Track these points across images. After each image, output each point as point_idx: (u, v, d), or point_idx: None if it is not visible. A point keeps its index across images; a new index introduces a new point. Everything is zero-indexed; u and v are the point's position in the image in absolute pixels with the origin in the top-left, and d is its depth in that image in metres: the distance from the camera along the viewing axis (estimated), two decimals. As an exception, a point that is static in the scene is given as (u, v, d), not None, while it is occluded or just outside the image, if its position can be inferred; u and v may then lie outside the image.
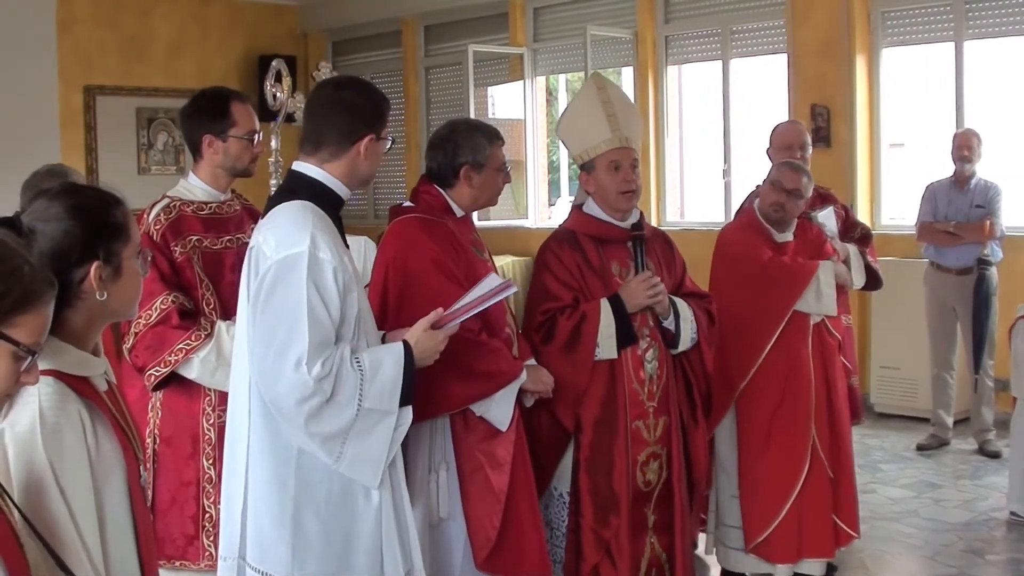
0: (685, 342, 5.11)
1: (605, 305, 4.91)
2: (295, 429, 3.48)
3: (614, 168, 4.98)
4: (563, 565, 4.99)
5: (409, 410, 3.62)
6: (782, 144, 6.65)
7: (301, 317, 3.43)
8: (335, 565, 3.57)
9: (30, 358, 2.26)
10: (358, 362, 3.51)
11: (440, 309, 3.77)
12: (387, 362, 3.57)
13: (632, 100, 6.58)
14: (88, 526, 2.49)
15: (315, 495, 3.55)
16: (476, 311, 3.88)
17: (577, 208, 5.21)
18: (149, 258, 2.85)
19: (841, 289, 5.99)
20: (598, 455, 4.94)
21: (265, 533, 3.58)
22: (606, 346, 4.90)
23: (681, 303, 5.09)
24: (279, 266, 3.49)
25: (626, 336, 4.94)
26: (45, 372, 2.50)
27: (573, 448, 4.96)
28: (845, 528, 5.91)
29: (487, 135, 4.70)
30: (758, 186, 6.22)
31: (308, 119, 3.85)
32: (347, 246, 3.73)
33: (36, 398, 2.47)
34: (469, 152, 4.63)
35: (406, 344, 3.65)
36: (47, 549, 2.32)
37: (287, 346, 3.43)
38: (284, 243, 3.51)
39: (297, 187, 3.72)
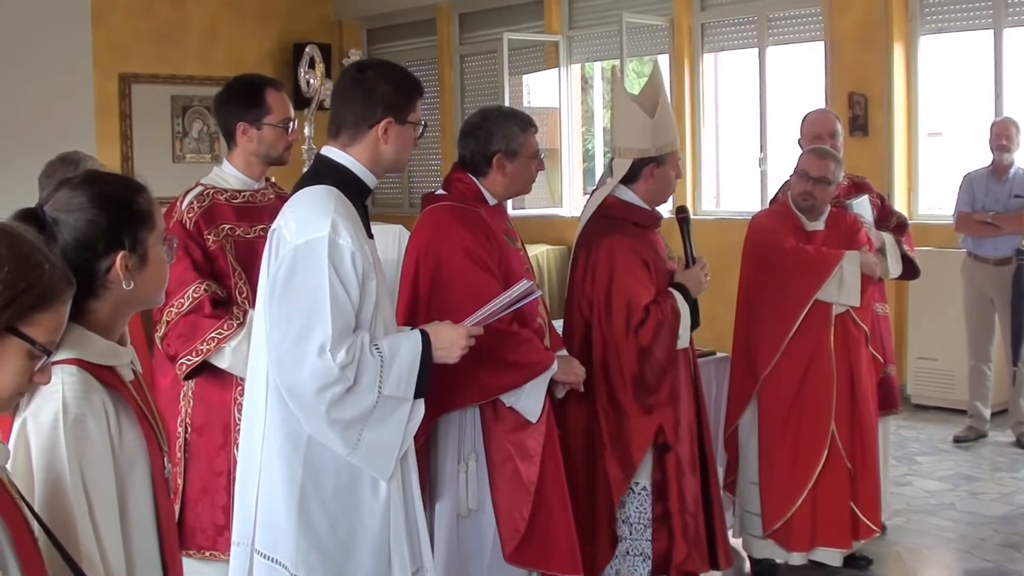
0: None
1: (679, 297, 5.03)
2: (313, 417, 3.44)
3: (677, 164, 5.19)
4: (648, 556, 5.04)
5: (421, 404, 3.57)
6: (811, 133, 6.58)
7: (323, 302, 3.39)
8: (340, 560, 3.52)
9: (45, 357, 2.23)
10: (377, 348, 3.47)
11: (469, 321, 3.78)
12: (404, 348, 3.53)
13: (668, 88, 6.56)
14: (109, 518, 2.47)
15: (322, 487, 3.51)
16: (500, 316, 3.87)
17: (615, 197, 5.16)
18: (174, 244, 2.80)
19: (868, 279, 5.92)
20: (681, 437, 5.04)
21: (275, 520, 3.55)
22: (684, 336, 5.05)
23: None
24: (299, 251, 3.45)
25: (695, 321, 5.12)
26: (70, 361, 2.48)
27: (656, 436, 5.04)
28: (866, 521, 5.90)
29: (520, 123, 4.67)
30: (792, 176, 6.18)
31: (331, 103, 3.84)
32: (371, 235, 3.69)
33: (60, 388, 2.44)
34: (502, 140, 4.60)
35: (423, 332, 3.62)
36: (58, 549, 2.29)
37: (308, 332, 3.39)
38: (304, 228, 3.48)
39: (323, 171, 3.68)
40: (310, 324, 3.40)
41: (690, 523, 5.05)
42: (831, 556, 5.90)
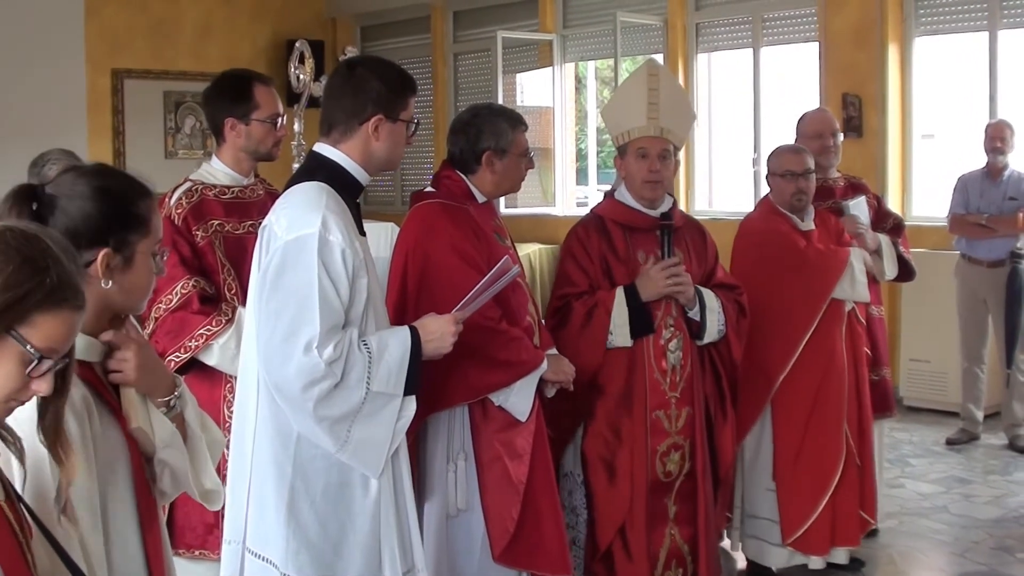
0: (711, 334, 5.05)
1: (620, 293, 4.89)
2: (300, 414, 3.42)
3: (641, 155, 4.98)
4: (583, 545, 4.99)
5: (413, 401, 3.56)
6: (813, 132, 6.52)
7: (312, 299, 3.38)
8: (329, 559, 3.51)
9: (39, 363, 2.14)
10: (365, 344, 3.46)
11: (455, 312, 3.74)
12: (393, 344, 3.53)
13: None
14: (87, 514, 2.43)
15: (312, 486, 3.50)
16: (484, 299, 3.83)
17: (610, 194, 5.18)
18: (165, 257, 2.76)
19: (871, 279, 5.91)
20: (608, 442, 4.92)
21: (265, 519, 3.53)
22: (619, 334, 4.88)
23: (708, 293, 5.04)
24: (288, 247, 3.44)
25: (641, 325, 4.90)
26: None
27: (581, 433, 4.96)
28: (864, 515, 5.91)
29: (510, 121, 4.65)
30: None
31: (323, 99, 3.83)
32: (363, 232, 3.68)
33: None
34: (491, 138, 4.57)
35: (412, 327, 3.61)
36: (52, 544, 2.26)
37: (297, 328, 3.38)
38: (295, 224, 3.46)
39: (315, 168, 3.67)
40: (298, 321, 3.38)
41: (628, 525, 4.92)
42: (839, 555, 5.89)
